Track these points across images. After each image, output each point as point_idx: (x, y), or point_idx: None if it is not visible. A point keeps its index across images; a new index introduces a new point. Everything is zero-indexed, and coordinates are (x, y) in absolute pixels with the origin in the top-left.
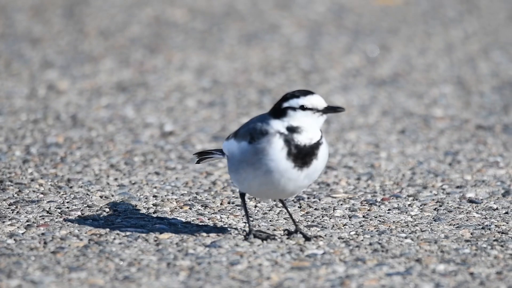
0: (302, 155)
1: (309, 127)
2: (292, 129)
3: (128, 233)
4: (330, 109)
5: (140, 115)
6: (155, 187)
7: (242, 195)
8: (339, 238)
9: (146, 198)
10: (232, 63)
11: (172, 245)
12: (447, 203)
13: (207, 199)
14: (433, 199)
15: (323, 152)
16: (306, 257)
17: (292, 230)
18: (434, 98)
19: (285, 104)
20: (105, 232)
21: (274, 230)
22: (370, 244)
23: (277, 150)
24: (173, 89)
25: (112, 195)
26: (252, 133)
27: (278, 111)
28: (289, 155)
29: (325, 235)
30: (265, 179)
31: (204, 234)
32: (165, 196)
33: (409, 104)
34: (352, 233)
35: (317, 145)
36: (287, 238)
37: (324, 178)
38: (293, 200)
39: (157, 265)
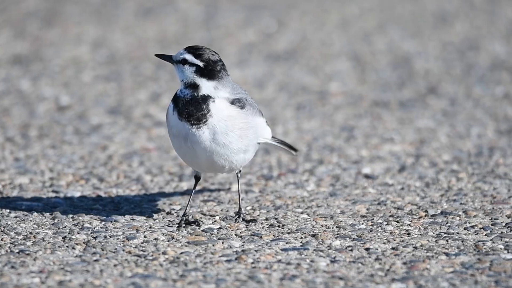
0: (186, 108)
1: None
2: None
3: (23, 207)
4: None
5: (36, 89)
6: (51, 161)
7: (196, 178)
8: (235, 213)
9: (42, 172)
10: (128, 37)
11: (68, 219)
12: (343, 178)
13: (103, 173)
14: (329, 175)
15: (220, 111)
16: (202, 232)
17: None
18: (330, 74)
19: None
20: (0, 205)
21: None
22: (267, 219)
23: (170, 112)
24: (69, 62)
25: (8, 169)
26: None
27: None
28: (179, 114)
29: (221, 210)
30: (176, 144)
31: (100, 208)
32: (61, 170)
33: (306, 80)
34: (248, 208)
35: (203, 100)
36: (236, 221)
37: None
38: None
39: (52, 239)
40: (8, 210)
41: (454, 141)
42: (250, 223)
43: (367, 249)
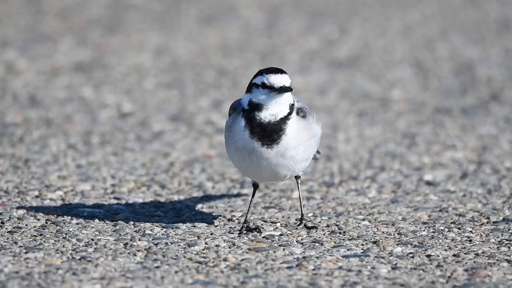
0: (266, 132)
1: (269, 104)
2: (254, 106)
3: (85, 214)
4: (283, 90)
5: (98, 96)
6: (113, 168)
7: (254, 186)
8: (296, 219)
9: (104, 179)
10: (190, 44)
11: (129, 225)
12: (405, 185)
13: (165, 180)
14: (390, 181)
15: (292, 128)
16: (263, 239)
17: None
18: (392, 81)
19: (253, 80)
20: (62, 212)
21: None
22: (328, 226)
23: (240, 127)
24: (131, 70)
25: (70, 175)
26: (232, 108)
27: (248, 86)
28: (252, 133)
29: (283, 217)
30: (237, 157)
31: (161, 215)
32: (123, 176)
33: (368, 87)
34: (309, 214)
35: (282, 121)
36: (298, 225)
37: None
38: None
39: (114, 246)
40: (70, 217)
41: None
42: (311, 230)
43: (428, 256)
